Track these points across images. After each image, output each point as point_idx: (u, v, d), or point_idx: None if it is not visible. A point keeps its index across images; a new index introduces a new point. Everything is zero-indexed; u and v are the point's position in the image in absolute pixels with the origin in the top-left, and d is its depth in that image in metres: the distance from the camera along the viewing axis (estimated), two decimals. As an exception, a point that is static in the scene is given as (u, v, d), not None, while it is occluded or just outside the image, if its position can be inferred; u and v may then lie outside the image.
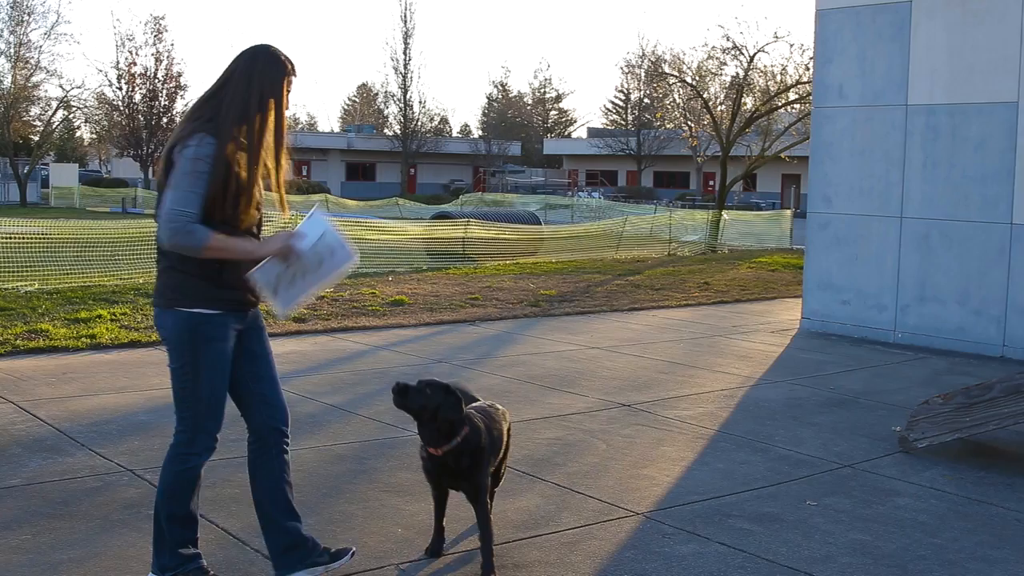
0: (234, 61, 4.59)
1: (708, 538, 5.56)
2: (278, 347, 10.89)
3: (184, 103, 61.96)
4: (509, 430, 5.53)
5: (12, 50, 57.61)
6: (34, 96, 59.19)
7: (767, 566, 5.19)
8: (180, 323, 4.49)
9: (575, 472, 6.73)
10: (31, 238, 17.82)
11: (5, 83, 57.84)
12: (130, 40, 64.92)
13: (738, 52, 33.47)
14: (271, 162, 4.66)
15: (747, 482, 6.65)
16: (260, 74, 4.53)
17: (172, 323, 4.51)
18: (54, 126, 60.92)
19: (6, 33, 58.44)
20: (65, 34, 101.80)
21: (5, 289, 14.52)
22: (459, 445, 4.87)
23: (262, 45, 4.65)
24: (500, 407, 5.54)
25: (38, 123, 60.95)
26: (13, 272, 15.55)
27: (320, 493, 6.15)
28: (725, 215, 32.05)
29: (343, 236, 4.79)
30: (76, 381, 9.03)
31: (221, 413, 4.69)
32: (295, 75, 4.66)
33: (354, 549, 4.90)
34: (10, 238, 16.97)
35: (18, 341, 10.70)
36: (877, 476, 6.89)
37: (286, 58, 4.64)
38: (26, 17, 58.08)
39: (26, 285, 14.88)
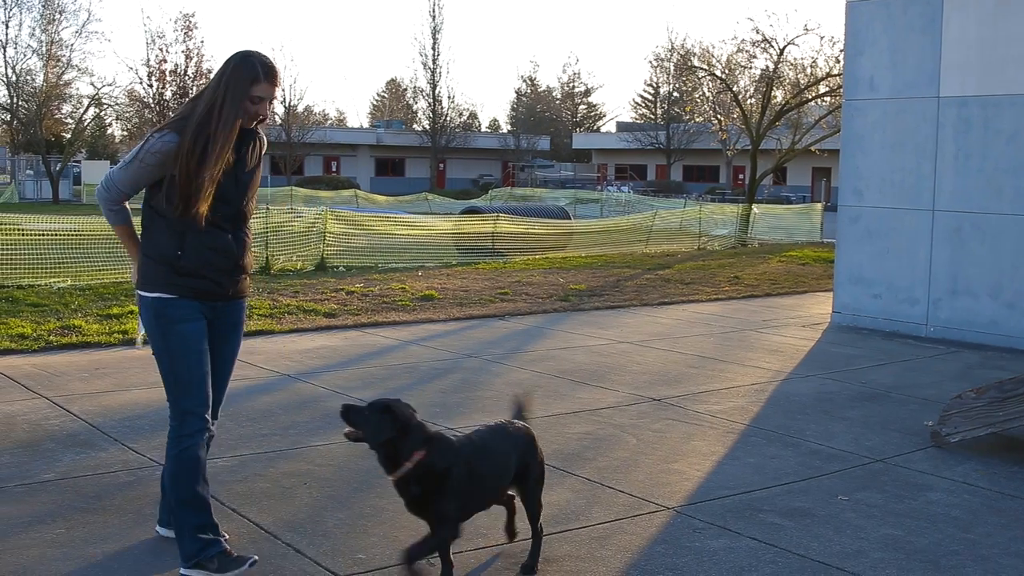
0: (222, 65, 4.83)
1: (739, 533, 5.54)
2: (308, 341, 11.03)
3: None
4: (531, 451, 4.99)
5: (44, 48, 58.04)
6: (66, 94, 59.64)
7: (798, 561, 5.17)
8: (148, 308, 4.81)
9: (605, 467, 6.73)
10: (63, 235, 17.94)
11: (37, 81, 58.32)
12: (160, 37, 65.34)
13: (768, 45, 33.37)
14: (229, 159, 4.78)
15: (778, 477, 6.63)
16: (228, 76, 4.72)
17: (143, 308, 4.84)
18: (85, 123, 61.37)
19: (38, 31, 58.81)
20: (96, 32, 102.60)
21: (38, 285, 14.63)
22: (410, 471, 4.51)
23: (243, 51, 4.84)
24: (519, 424, 5.07)
25: (70, 121, 61.41)
26: (46, 268, 15.67)
27: (351, 488, 6.17)
28: (755, 209, 31.93)
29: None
30: (108, 376, 9.09)
31: (202, 391, 4.84)
32: (268, 81, 4.74)
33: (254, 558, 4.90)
34: (43, 235, 17.08)
35: (51, 337, 10.79)
36: (909, 471, 6.86)
37: (261, 63, 4.75)
38: (57, 15, 58.52)
39: (59, 281, 14.99)
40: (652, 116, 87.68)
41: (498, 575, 4.93)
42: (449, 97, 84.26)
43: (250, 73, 4.70)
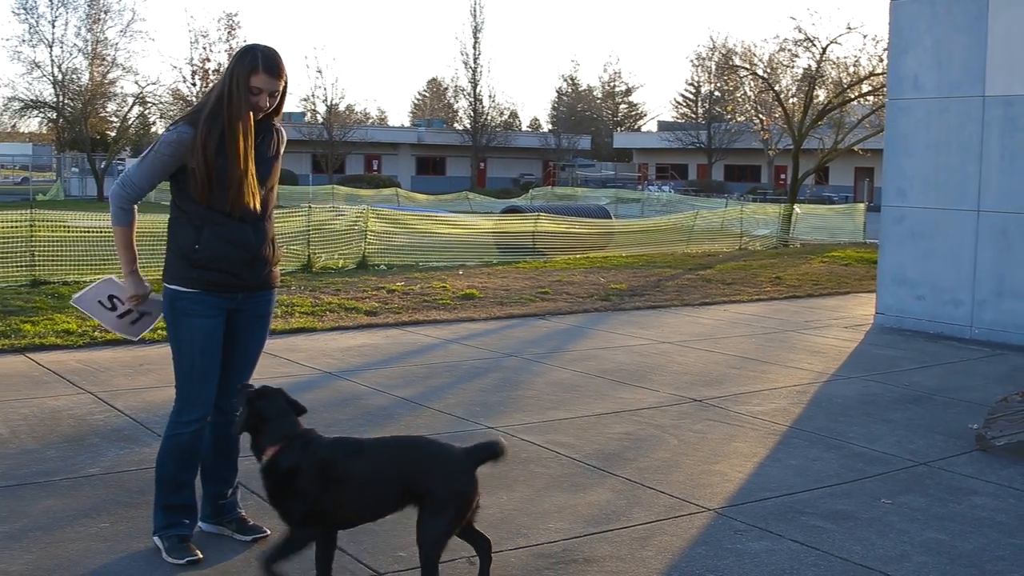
0: None
1: (781, 535, 5.51)
2: (350, 339, 11.08)
3: (257, 98, 62.52)
4: (440, 477, 4.39)
5: (89, 47, 58.61)
6: (110, 92, 60.18)
7: (841, 564, 5.14)
8: (165, 298, 4.99)
9: (646, 467, 6.71)
10: (108, 232, 18.06)
11: (83, 80, 58.89)
12: (204, 37, 65.52)
13: (810, 44, 33.15)
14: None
15: (820, 479, 6.59)
16: (233, 67, 4.82)
17: (163, 298, 5.01)
18: (130, 122, 61.87)
19: (83, 31, 59.42)
20: (140, 31, 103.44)
21: (84, 282, 14.75)
22: (264, 465, 4.47)
23: (250, 43, 4.94)
24: (443, 446, 4.56)
25: (114, 119, 61.94)
26: (91, 265, 15.81)
27: (392, 486, 6.18)
28: (797, 209, 31.73)
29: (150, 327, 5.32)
30: (152, 372, 9.17)
31: (206, 387, 4.98)
32: (266, 73, 4.79)
33: (267, 532, 5.23)
34: (88, 232, 17.23)
35: (96, 333, 10.88)
36: (953, 474, 6.80)
37: (262, 55, 4.82)
38: (103, 15, 59.09)
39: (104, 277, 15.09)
40: (693, 115, 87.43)
41: (538, 574, 4.92)
42: (490, 96, 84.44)
43: (250, 64, 4.78)
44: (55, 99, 58.21)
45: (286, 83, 4.94)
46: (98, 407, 7.90)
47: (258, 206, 4.89)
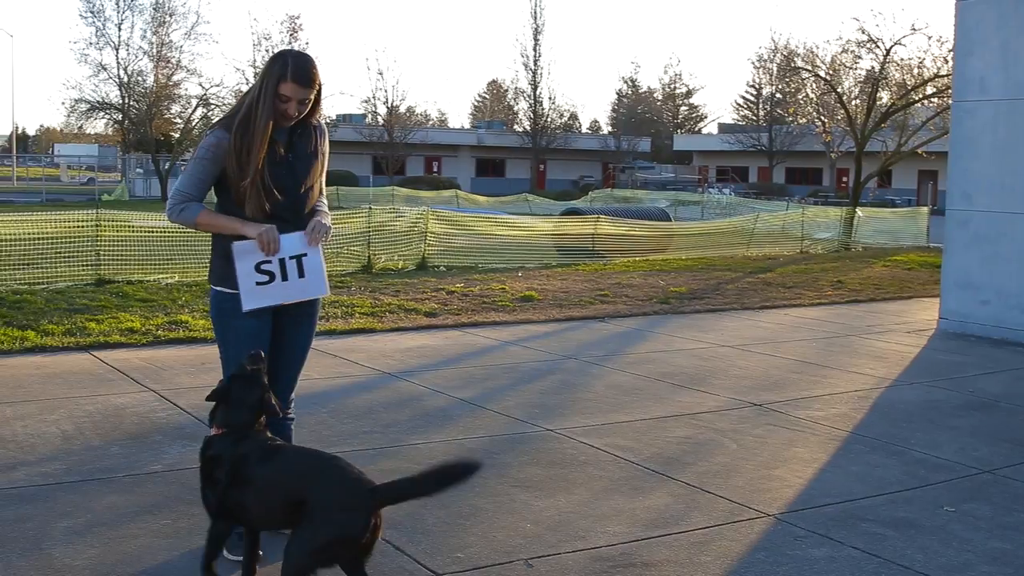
0: None
1: (841, 542, 5.46)
2: (409, 340, 11.12)
3: (319, 100, 62.92)
4: (324, 496, 4.10)
5: (154, 50, 59.33)
6: (175, 94, 60.78)
7: (902, 572, 5.08)
8: (211, 300, 5.06)
9: (705, 471, 6.67)
10: (171, 232, 18.28)
11: (148, 82, 59.59)
12: (266, 39, 66.09)
13: (874, 45, 32.84)
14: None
15: (881, 486, 6.52)
16: (263, 75, 4.86)
17: (210, 299, 5.08)
18: (194, 123, 62.42)
19: (149, 33, 60.12)
20: (204, 34, 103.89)
21: (147, 282, 14.94)
22: (202, 444, 4.53)
23: (284, 49, 5.05)
24: (341, 469, 4.21)
25: (178, 120, 62.55)
26: (155, 265, 16.01)
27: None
28: (859, 212, 31.42)
29: (322, 268, 5.01)
30: (214, 371, 9.22)
31: None
32: (294, 81, 4.78)
33: None
34: (152, 232, 17.45)
35: (159, 332, 11.02)
36: (1019, 483, 6.69)
37: (292, 62, 4.81)
38: (168, 18, 59.76)
39: (167, 277, 15.30)
40: (754, 117, 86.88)
41: (596, 578, 4.91)
42: (550, 98, 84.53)
43: (279, 71, 4.79)
44: (121, 101, 58.97)
45: (320, 86, 4.92)
46: (161, 405, 8.00)
47: (265, 208, 4.84)
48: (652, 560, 5.11)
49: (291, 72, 4.77)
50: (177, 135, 60.94)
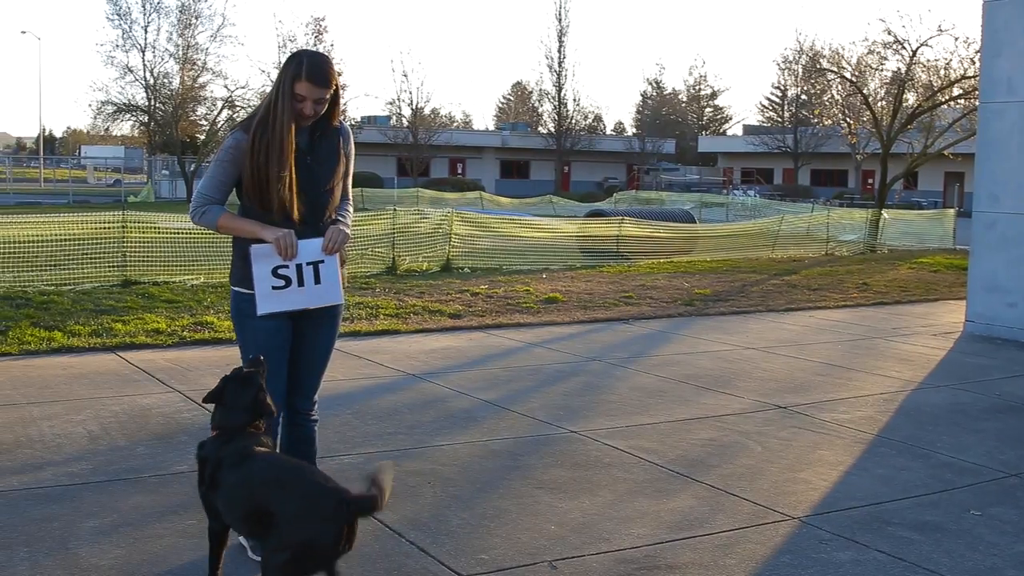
0: None
1: (867, 545, 5.44)
2: (433, 342, 11.13)
3: (344, 102, 63.19)
4: (286, 505, 4.01)
5: (180, 52, 59.60)
6: (200, 96, 61.06)
7: (928, 576, 5.06)
8: (231, 301, 5.10)
9: (729, 474, 6.66)
10: (197, 233, 18.35)
11: (174, 84, 59.88)
12: (291, 41, 66.32)
13: (900, 46, 32.70)
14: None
15: (907, 489, 6.49)
16: (279, 75, 4.86)
17: (231, 300, 5.12)
18: (219, 125, 62.68)
19: (175, 36, 60.39)
20: (230, 36, 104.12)
21: (173, 283, 15.01)
22: (198, 445, 4.55)
23: (301, 49, 4.98)
24: (325, 498, 4.00)
25: (204, 122, 62.82)
26: (180, 266, 16.07)
27: (474, 488, 6.21)
28: (885, 214, 31.28)
29: (340, 275, 5.02)
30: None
31: (273, 390, 4.84)
32: (309, 80, 4.78)
33: None
34: (177, 233, 17.52)
35: (185, 332, 11.07)
36: (1046, 486, 6.65)
37: (307, 61, 4.82)
38: (193, 20, 60.03)
39: (192, 279, 15.36)
40: (779, 119, 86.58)
41: (620, 580, 4.91)
42: (574, 100, 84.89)
43: (294, 71, 4.79)
44: (147, 103, 59.27)
45: (337, 87, 4.93)
46: (186, 406, 8.03)
47: (295, 210, 4.85)
48: (676, 562, 5.10)
49: (306, 71, 4.77)
50: (203, 137, 61.20)
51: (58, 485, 6.03)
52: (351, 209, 5.24)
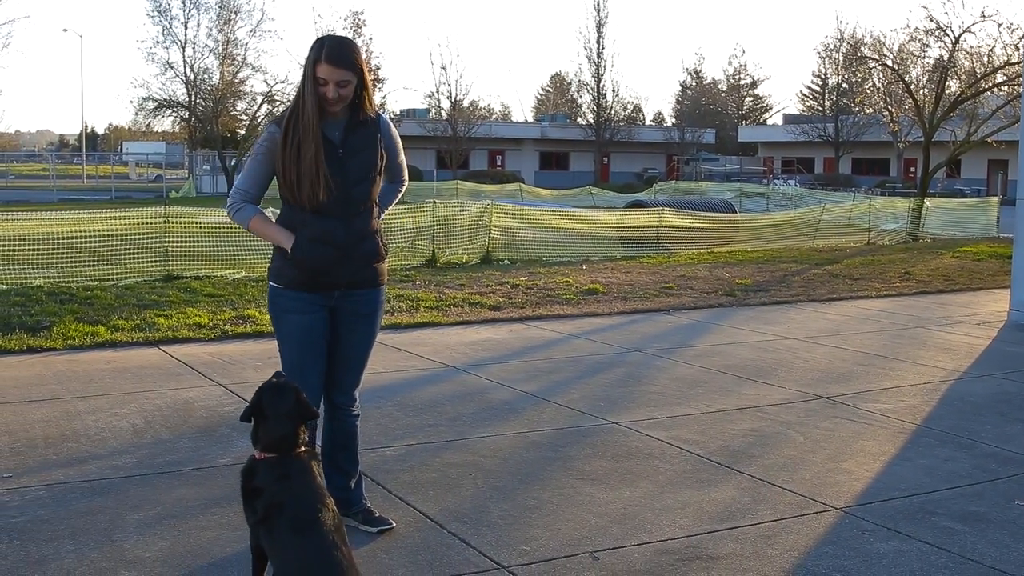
0: None
1: (910, 536, 5.40)
2: (474, 334, 11.15)
3: (382, 96, 63.34)
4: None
5: (220, 47, 59.92)
6: (240, 91, 61.35)
7: (972, 567, 5.01)
8: (268, 295, 5.12)
9: (771, 464, 6.63)
10: (237, 229, 18.43)
11: (214, 79, 60.21)
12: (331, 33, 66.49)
13: (942, 33, 32.38)
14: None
15: (951, 479, 6.44)
16: (305, 63, 4.83)
17: (268, 295, 5.13)
18: (259, 120, 63.00)
19: (214, 31, 60.74)
20: (269, 31, 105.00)
21: (214, 277, 15.11)
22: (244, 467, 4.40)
23: (321, 36, 4.92)
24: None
25: (244, 117, 63.12)
26: (222, 260, 16.17)
27: (515, 479, 6.21)
28: (927, 203, 31.03)
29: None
30: (280, 365, 9.33)
31: (306, 382, 4.87)
32: (329, 62, 4.73)
33: (392, 524, 5.30)
34: (219, 228, 17.63)
35: (226, 326, 11.14)
36: (1092, 476, 6.58)
37: (326, 44, 4.78)
38: (233, 16, 60.33)
39: (234, 273, 15.46)
40: (820, 108, 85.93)
41: (662, 571, 4.89)
42: (613, 90, 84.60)
43: (314, 55, 4.76)
44: (187, 98, 59.62)
45: (362, 72, 4.84)
46: (228, 399, 8.09)
47: (320, 198, 4.80)
48: (718, 553, 5.09)
49: (325, 53, 4.72)
50: (243, 132, 61.51)
51: (103, 478, 6.09)
52: (401, 190, 5.32)
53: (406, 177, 5.31)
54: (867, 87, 51.67)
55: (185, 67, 59.24)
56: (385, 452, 6.68)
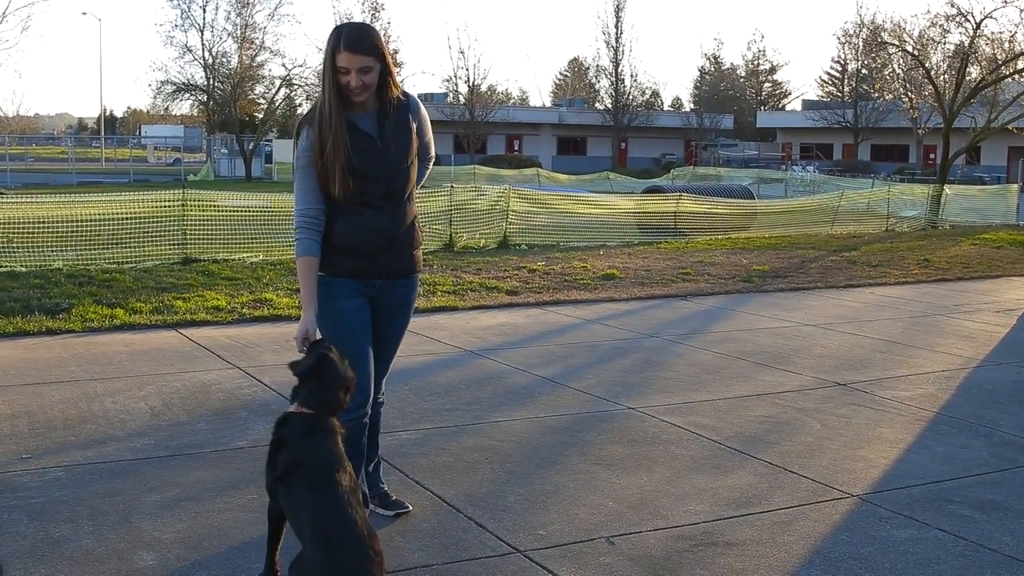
0: None
1: (927, 523, 5.39)
2: (490, 318, 11.17)
3: (401, 79, 63.22)
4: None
5: (238, 31, 60.08)
6: (258, 75, 61.58)
7: (990, 555, 5.00)
8: (318, 288, 4.92)
9: (788, 451, 6.62)
10: (256, 211, 18.51)
11: (232, 63, 60.38)
12: (348, 19, 66.56)
13: (963, 19, 32.30)
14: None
15: (969, 467, 6.42)
16: (324, 56, 4.74)
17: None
18: (277, 103, 63.15)
19: (233, 15, 61.06)
20: (287, 15, 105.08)
21: (232, 260, 15.14)
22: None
23: (338, 24, 4.84)
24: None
25: (262, 101, 63.34)
26: (240, 244, 16.20)
27: (532, 464, 6.22)
28: (947, 189, 30.89)
29: None
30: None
31: (360, 372, 4.74)
32: (347, 50, 4.62)
33: (409, 508, 5.33)
34: (236, 211, 17.67)
35: (244, 310, 11.16)
36: (1111, 464, 6.56)
37: (344, 32, 4.67)
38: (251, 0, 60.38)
39: (251, 256, 15.48)
40: (839, 94, 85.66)
41: (678, 556, 4.89)
42: (632, 75, 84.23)
43: (332, 44, 4.65)
44: (205, 82, 59.81)
45: (383, 56, 4.74)
46: (246, 382, 8.11)
47: (350, 187, 4.75)
48: (734, 539, 5.09)
49: (344, 41, 4.62)
50: (261, 115, 61.65)
51: (121, 460, 6.12)
52: (429, 167, 5.23)
53: (433, 154, 5.25)
54: (887, 73, 51.49)
55: (203, 50, 59.48)
56: (402, 436, 6.70)
